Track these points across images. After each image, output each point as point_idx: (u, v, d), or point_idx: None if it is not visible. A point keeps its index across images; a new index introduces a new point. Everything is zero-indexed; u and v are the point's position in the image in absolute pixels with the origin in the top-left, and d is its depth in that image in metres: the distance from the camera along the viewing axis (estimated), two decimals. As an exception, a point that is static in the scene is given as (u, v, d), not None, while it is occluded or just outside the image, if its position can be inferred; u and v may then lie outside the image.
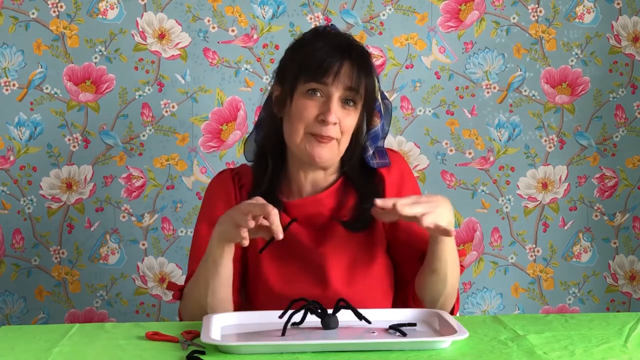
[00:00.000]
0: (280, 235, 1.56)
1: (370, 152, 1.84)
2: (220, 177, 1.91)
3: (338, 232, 1.79)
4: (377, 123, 1.84)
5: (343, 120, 1.74)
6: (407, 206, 1.61)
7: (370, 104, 1.79)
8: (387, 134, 1.88)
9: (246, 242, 1.58)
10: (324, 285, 1.75)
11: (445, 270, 1.72)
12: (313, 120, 1.73)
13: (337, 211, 1.81)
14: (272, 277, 1.77)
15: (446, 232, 1.64)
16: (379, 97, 1.83)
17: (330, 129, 1.72)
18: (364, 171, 1.85)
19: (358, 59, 1.74)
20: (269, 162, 1.83)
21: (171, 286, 1.86)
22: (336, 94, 1.72)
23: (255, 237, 1.65)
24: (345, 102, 1.74)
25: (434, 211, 1.62)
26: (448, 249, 1.71)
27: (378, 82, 1.82)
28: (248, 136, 1.91)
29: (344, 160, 1.83)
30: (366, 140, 1.84)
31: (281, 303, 1.62)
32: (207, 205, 1.88)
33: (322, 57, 1.72)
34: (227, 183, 1.87)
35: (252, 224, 1.57)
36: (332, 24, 1.87)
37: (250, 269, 1.83)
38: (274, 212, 1.56)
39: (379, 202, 1.63)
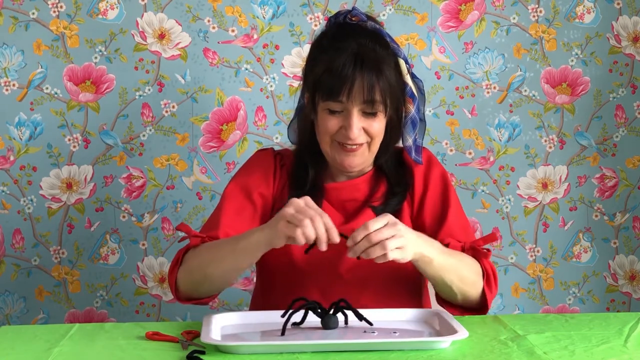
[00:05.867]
0: (336, 239, 1.54)
1: (410, 141, 1.83)
2: (263, 152, 1.93)
3: (367, 217, 1.80)
4: (411, 109, 1.82)
5: (369, 128, 1.74)
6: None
7: (395, 101, 1.77)
8: (424, 116, 1.86)
9: (302, 241, 1.52)
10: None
11: (445, 282, 1.68)
12: (337, 131, 1.75)
13: (369, 197, 1.84)
14: (295, 247, 1.73)
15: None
16: (409, 80, 1.81)
17: (356, 138, 1.74)
18: (396, 161, 1.87)
19: (369, 69, 1.71)
20: (307, 156, 1.84)
21: (184, 229, 1.79)
22: (354, 109, 1.72)
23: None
24: (366, 112, 1.73)
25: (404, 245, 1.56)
26: (434, 267, 1.65)
27: (407, 63, 1.80)
28: (290, 122, 1.93)
29: (380, 152, 1.82)
30: (405, 128, 1.83)
31: (301, 274, 1.76)
32: (243, 172, 1.89)
33: (333, 78, 1.71)
34: (268, 159, 1.89)
35: (308, 225, 1.51)
36: (354, 9, 1.81)
37: None
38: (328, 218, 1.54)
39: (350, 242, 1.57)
